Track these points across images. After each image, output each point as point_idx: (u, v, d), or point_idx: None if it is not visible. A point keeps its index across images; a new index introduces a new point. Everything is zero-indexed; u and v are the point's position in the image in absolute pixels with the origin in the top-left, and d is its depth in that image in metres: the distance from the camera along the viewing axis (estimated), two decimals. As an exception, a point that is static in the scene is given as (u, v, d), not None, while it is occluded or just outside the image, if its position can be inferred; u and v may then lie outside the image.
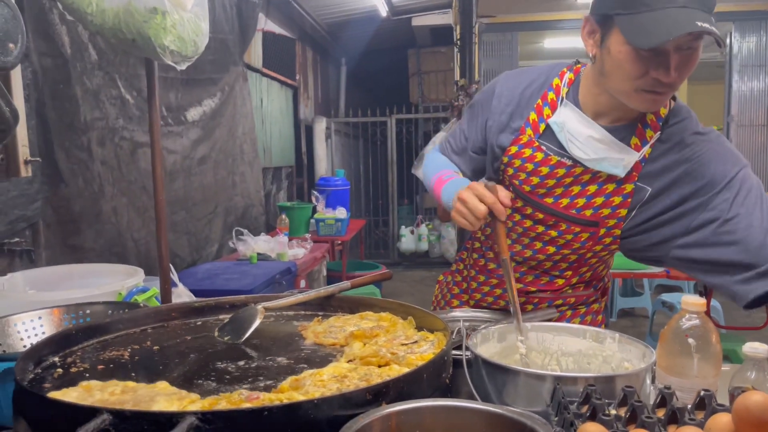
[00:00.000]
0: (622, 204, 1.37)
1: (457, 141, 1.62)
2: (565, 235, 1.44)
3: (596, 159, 1.35)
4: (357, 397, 0.80)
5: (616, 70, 1.24)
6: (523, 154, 1.43)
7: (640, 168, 1.35)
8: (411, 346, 1.08)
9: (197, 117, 4.29)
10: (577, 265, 1.51)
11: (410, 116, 8.44)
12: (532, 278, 1.54)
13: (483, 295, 1.63)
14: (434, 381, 0.92)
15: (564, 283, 1.53)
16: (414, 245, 8.35)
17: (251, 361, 1.09)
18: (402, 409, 0.79)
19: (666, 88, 1.21)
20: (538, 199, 1.44)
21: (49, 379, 0.99)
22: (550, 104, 1.43)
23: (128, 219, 3.28)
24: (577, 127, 1.37)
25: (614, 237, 1.41)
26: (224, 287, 3.19)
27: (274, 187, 6.49)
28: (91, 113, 3.00)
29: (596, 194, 1.38)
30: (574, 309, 1.58)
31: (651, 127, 1.35)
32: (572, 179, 1.39)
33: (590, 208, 1.39)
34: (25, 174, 1.36)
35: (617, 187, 1.36)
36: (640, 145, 1.35)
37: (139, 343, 1.18)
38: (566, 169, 1.39)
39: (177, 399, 0.85)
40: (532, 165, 1.42)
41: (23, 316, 1.44)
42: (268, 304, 1.29)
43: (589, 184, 1.39)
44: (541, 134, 1.43)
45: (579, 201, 1.40)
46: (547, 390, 0.94)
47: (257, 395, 0.85)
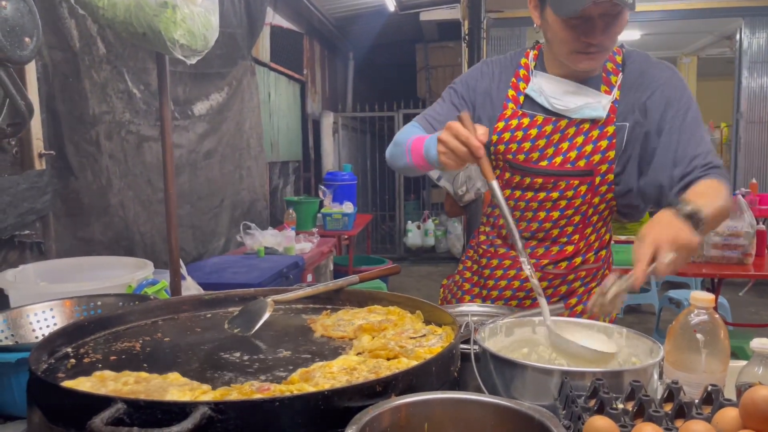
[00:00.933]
0: (609, 146, 1.50)
1: (441, 111, 1.65)
2: (565, 192, 1.54)
3: (577, 107, 1.50)
4: (367, 388, 0.80)
5: (553, 37, 1.46)
6: (510, 126, 1.56)
7: (615, 109, 1.51)
8: (419, 340, 1.09)
9: (204, 111, 4.30)
10: (581, 227, 1.59)
11: (418, 111, 8.40)
12: (543, 251, 1.60)
13: (496, 281, 1.66)
14: (443, 374, 0.93)
15: (573, 250, 1.59)
16: (420, 240, 8.36)
17: (261, 353, 1.10)
18: (412, 401, 0.79)
19: (596, 48, 1.42)
20: (533, 165, 1.54)
21: (62, 369, 1.01)
22: (524, 79, 1.60)
23: (134, 212, 3.30)
24: (553, 87, 1.54)
25: (608, 184, 1.53)
26: (232, 281, 3.20)
27: (281, 182, 6.51)
28: (99, 107, 3.01)
29: (584, 143, 1.51)
30: (587, 287, 1.63)
31: (613, 73, 1.54)
32: (559, 135, 1.52)
33: (582, 158, 1.51)
34: (39, 167, 1.37)
35: (600, 132, 1.50)
36: (608, 90, 1.53)
37: (150, 335, 1.19)
38: (552, 125, 1.53)
39: (189, 390, 0.87)
40: (521, 132, 1.55)
41: (35, 308, 1.46)
42: (277, 297, 1.30)
43: (576, 136, 1.52)
44: (522, 105, 1.58)
45: (571, 154, 1.52)
46: (554, 384, 0.95)
47: (268, 386, 0.86)
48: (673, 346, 0.96)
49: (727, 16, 7.25)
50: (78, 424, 0.77)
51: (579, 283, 1.63)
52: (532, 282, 1.21)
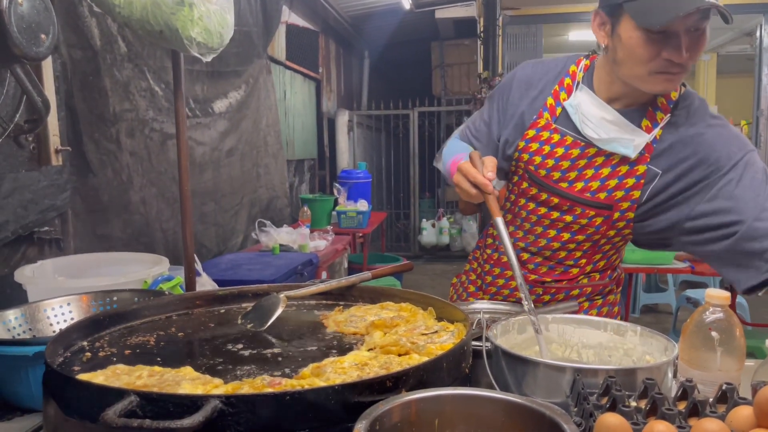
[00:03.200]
0: (635, 186, 1.40)
1: (477, 126, 1.64)
2: (579, 219, 1.47)
3: (608, 139, 1.39)
4: (377, 383, 0.81)
5: (628, 56, 1.30)
6: (540, 137, 1.48)
7: (651, 150, 1.39)
8: (431, 336, 1.09)
9: (224, 109, 4.33)
10: (591, 252, 1.53)
11: (433, 109, 8.41)
12: (547, 269, 1.56)
13: (498, 288, 1.64)
14: (454, 370, 0.92)
15: (578, 272, 1.55)
16: (435, 238, 8.34)
17: (273, 348, 1.11)
18: (422, 396, 0.79)
19: (678, 68, 1.27)
20: (553, 184, 1.47)
21: (77, 362, 1.02)
22: (567, 89, 1.48)
23: (157, 209, 3.33)
24: (590, 109, 1.42)
25: (627, 221, 1.44)
26: (247, 277, 3.23)
27: (297, 180, 6.53)
28: (121, 105, 3.05)
29: (610, 177, 1.41)
30: (591, 300, 1.59)
31: (662, 109, 1.40)
32: (586, 161, 1.43)
33: (604, 191, 1.42)
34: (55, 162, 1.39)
35: (630, 168, 1.40)
36: (651, 127, 1.39)
37: (164, 330, 1.20)
38: (580, 150, 1.43)
39: (201, 384, 0.87)
40: (549, 147, 1.46)
41: (53, 302, 1.48)
42: (290, 292, 1.30)
43: (603, 167, 1.42)
44: (557, 118, 1.48)
45: (593, 184, 1.43)
46: (567, 381, 0.94)
47: (279, 381, 0.87)
48: (688, 343, 0.95)
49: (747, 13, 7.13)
50: (92, 416, 0.78)
51: (584, 298, 1.58)
52: (531, 319, 1.13)
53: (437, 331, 1.11)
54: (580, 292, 1.57)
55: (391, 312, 1.26)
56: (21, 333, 1.40)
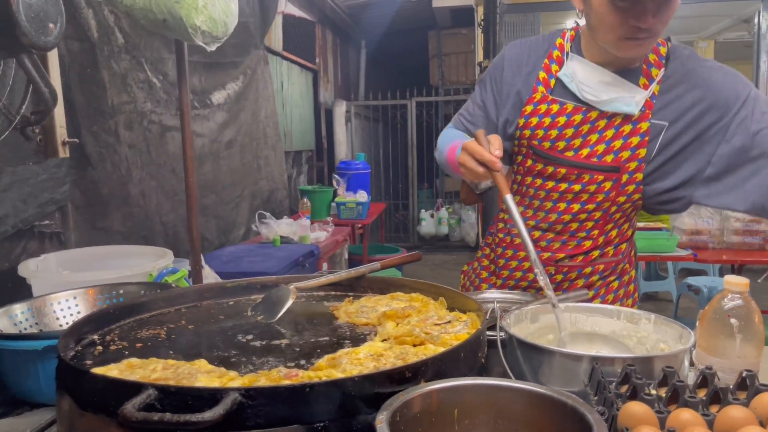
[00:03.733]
0: (640, 144, 1.42)
1: (471, 112, 1.64)
2: (588, 187, 1.48)
3: (608, 100, 1.41)
4: (397, 374, 0.80)
5: (599, 23, 1.35)
6: (539, 111, 1.49)
7: (652, 105, 1.42)
8: (444, 326, 1.08)
9: (222, 100, 4.30)
10: (602, 222, 1.53)
11: (430, 99, 8.38)
12: (560, 244, 1.56)
13: (511, 272, 1.64)
14: (471, 360, 0.92)
15: (591, 245, 1.54)
16: (434, 229, 8.34)
17: (286, 339, 1.10)
18: (443, 386, 0.79)
19: (646, 33, 1.31)
20: (559, 155, 1.48)
21: (89, 356, 1.01)
22: (557, 61, 1.51)
23: (157, 202, 3.31)
24: (585, 74, 1.45)
25: (637, 183, 1.45)
26: (249, 269, 3.22)
27: (295, 171, 6.51)
28: (119, 97, 3.02)
29: (614, 138, 1.43)
30: (605, 280, 1.58)
31: (655, 65, 1.44)
32: (589, 126, 1.45)
33: (610, 153, 1.44)
34: (63, 155, 1.37)
35: (633, 127, 1.42)
36: (648, 83, 1.43)
37: (174, 323, 1.19)
38: (582, 115, 1.45)
39: (217, 377, 0.87)
40: (549, 118, 1.48)
41: (59, 296, 1.47)
42: (300, 284, 1.29)
43: (606, 129, 1.44)
44: (552, 89, 1.50)
45: (599, 148, 1.45)
46: (584, 370, 0.94)
47: (296, 373, 0.86)
48: (706, 331, 0.95)
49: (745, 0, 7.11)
50: (108, 411, 0.77)
51: (597, 277, 1.58)
52: (547, 294, 1.14)
53: (450, 321, 1.10)
54: (593, 270, 1.56)
55: (401, 302, 1.25)
56: (28, 327, 1.39)
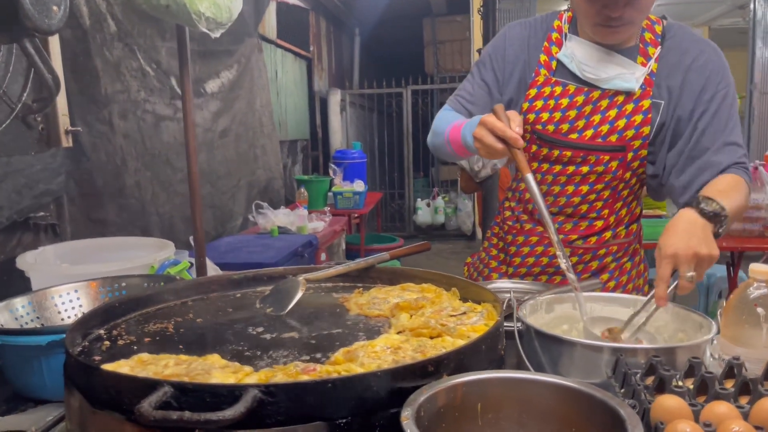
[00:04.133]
0: (643, 122, 1.43)
1: (472, 92, 1.60)
2: (595, 168, 1.49)
3: (608, 78, 1.44)
4: (419, 368, 0.78)
5: (577, 10, 1.42)
6: (543, 94, 1.50)
7: (652, 83, 1.44)
8: (460, 318, 1.06)
9: (216, 89, 4.25)
10: (611, 201, 1.53)
11: (426, 87, 8.33)
12: (571, 226, 1.56)
13: (522, 258, 1.62)
14: (491, 353, 0.90)
15: (603, 225, 1.55)
16: (430, 218, 8.32)
17: (297, 332, 1.07)
18: (468, 380, 0.77)
19: (618, 21, 1.35)
20: (563, 138, 1.49)
21: (97, 351, 0.99)
22: (556, 43, 1.52)
23: (152, 193, 3.27)
24: (585, 53, 1.47)
25: (641, 159, 1.47)
26: (248, 260, 3.18)
27: (290, 161, 6.46)
28: (112, 86, 2.96)
29: (617, 117, 1.45)
30: (618, 261, 1.59)
31: (651, 44, 1.47)
32: (591, 107, 1.46)
33: (615, 133, 1.45)
34: (66, 144, 1.32)
35: (635, 105, 1.44)
36: (645, 62, 1.45)
37: (181, 316, 1.16)
38: (584, 95, 1.46)
39: (231, 372, 0.84)
40: (553, 101, 1.49)
41: (60, 289, 1.44)
42: (308, 275, 1.27)
43: (609, 109, 1.45)
44: (554, 71, 1.51)
45: (603, 128, 1.45)
46: (605, 361, 0.92)
47: (314, 367, 0.84)
48: (731, 320, 0.93)
49: (741, -15, 7.08)
50: (122, 409, 0.75)
51: (611, 258, 1.58)
52: (569, 276, 1.13)
53: (465, 312, 1.08)
54: (607, 252, 1.57)
55: (413, 293, 1.23)
56: (29, 322, 1.36)
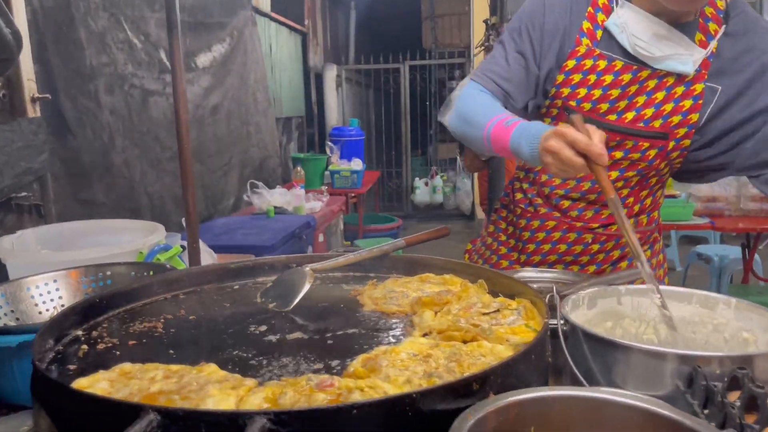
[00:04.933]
0: (693, 108, 1.29)
1: (506, 67, 1.39)
2: (631, 154, 1.36)
3: (663, 57, 1.27)
4: (462, 387, 0.64)
5: None
6: (583, 67, 1.33)
7: (708, 65, 1.28)
8: (494, 316, 0.92)
9: (207, 63, 4.06)
10: (638, 189, 1.42)
11: (424, 62, 8.11)
12: (592, 213, 1.44)
13: (537, 245, 1.50)
14: (540, 362, 0.76)
15: (626, 214, 1.39)
16: (428, 197, 8.17)
17: (306, 332, 0.93)
18: (522, 399, 0.63)
19: None
20: (599, 118, 1.33)
21: (72, 358, 0.84)
22: (603, 9, 1.34)
23: (141, 172, 3.11)
24: (639, 25, 1.28)
25: (682, 150, 1.34)
26: (243, 243, 3.04)
27: (285, 138, 6.27)
28: (98, 58, 2.79)
29: (665, 101, 1.30)
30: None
31: (713, 20, 1.30)
32: (637, 87, 1.30)
33: (659, 118, 1.30)
34: (32, 113, 1.15)
35: (686, 89, 1.29)
36: (705, 40, 1.29)
37: (172, 313, 1.02)
38: (632, 74, 1.30)
39: (231, 388, 0.70)
40: (595, 76, 1.32)
41: (37, 279, 1.29)
42: (315, 265, 1.12)
43: (656, 91, 1.30)
44: (599, 42, 1.33)
45: (647, 112, 1.31)
46: (670, 371, 0.78)
47: (330, 382, 0.69)
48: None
49: (749, -43, 6.88)
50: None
51: (616, 246, 1.47)
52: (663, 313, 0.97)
53: (499, 310, 0.94)
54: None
55: (435, 286, 1.09)
56: (1, 316, 1.21)
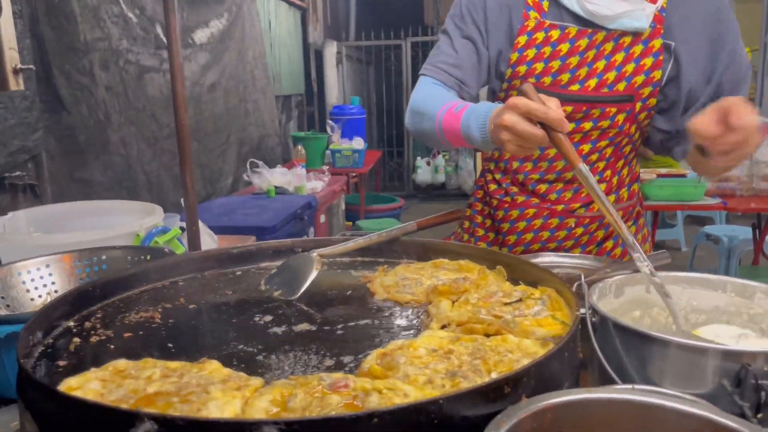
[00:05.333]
0: (654, 65, 1.26)
1: (454, 54, 1.35)
2: (600, 122, 1.31)
3: (617, 15, 1.24)
4: (493, 391, 0.57)
5: None
6: (535, 41, 1.29)
7: (662, 20, 1.26)
8: (517, 306, 0.86)
9: (205, 39, 3.95)
10: (614, 160, 1.37)
11: (426, 39, 7.94)
12: (572, 194, 1.39)
13: (519, 235, 1.42)
14: (572, 359, 0.70)
15: (605, 189, 1.39)
16: (430, 177, 8.07)
17: (314, 324, 0.87)
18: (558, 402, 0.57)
19: None
20: (562, 90, 1.28)
21: (63, 353, 0.78)
22: None
23: (138, 150, 3.03)
24: None
25: (649, 110, 1.30)
26: (243, 223, 2.97)
27: (284, 117, 6.17)
28: (92, 33, 2.69)
29: (625, 62, 1.27)
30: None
31: None
32: (595, 52, 1.27)
33: (623, 80, 1.27)
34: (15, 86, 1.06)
35: (644, 47, 1.26)
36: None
37: (170, 301, 0.96)
38: (588, 38, 1.27)
39: (235, 388, 0.64)
40: (550, 47, 1.28)
41: (28, 264, 1.23)
42: (323, 250, 1.06)
43: (615, 53, 1.27)
44: (546, 13, 1.30)
45: (609, 76, 1.27)
46: (713, 368, 0.72)
47: (345, 382, 0.63)
48: None
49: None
50: (89, 448, 0.55)
51: (600, 227, 1.42)
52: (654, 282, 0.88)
53: (521, 299, 0.87)
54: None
55: (450, 272, 1.02)
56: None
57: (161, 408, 0.59)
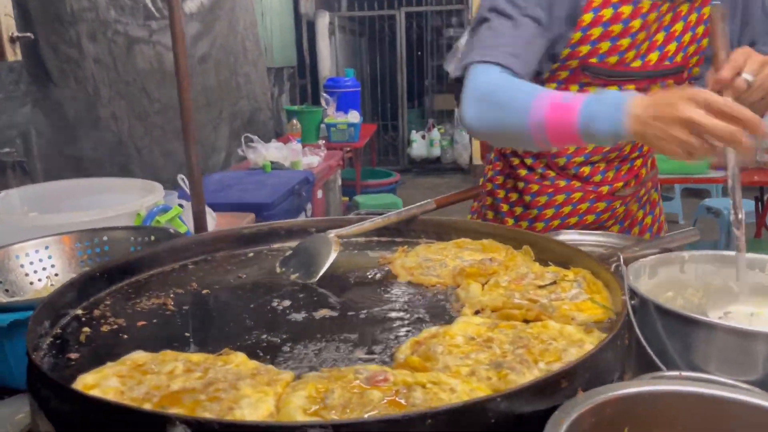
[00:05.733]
0: (704, 33, 1.23)
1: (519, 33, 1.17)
2: None
3: None
4: (549, 386, 0.53)
5: None
6: (602, 18, 1.18)
7: None
8: (552, 289, 0.81)
9: (194, 9, 3.83)
10: None
11: (421, 9, 7.79)
12: (614, 173, 1.34)
13: (546, 222, 1.35)
14: (622, 349, 0.66)
15: (641, 164, 1.37)
16: (425, 151, 7.98)
17: (335, 310, 0.83)
18: (619, 395, 0.53)
19: None
20: (625, 68, 1.22)
21: (73, 344, 0.73)
22: None
23: (129, 125, 2.94)
24: None
25: (692, 79, 1.28)
26: (241, 200, 2.90)
27: (276, 90, 6.04)
28: (79, 2, 2.58)
29: (683, 31, 1.22)
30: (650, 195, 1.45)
31: None
32: (657, 24, 1.21)
33: (681, 51, 1.23)
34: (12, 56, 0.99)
35: (697, 14, 1.22)
36: None
37: (182, 286, 0.91)
38: (657, 11, 1.19)
39: (266, 383, 0.59)
40: (621, 25, 1.18)
41: (26, 246, 1.17)
42: (340, 231, 1.01)
43: (673, 23, 1.22)
44: None
45: (670, 48, 1.23)
46: (764, 354, 0.69)
47: (384, 376, 0.59)
48: None
49: None
50: (113, 452, 0.50)
51: (647, 197, 1.44)
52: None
53: (555, 282, 0.83)
54: (645, 191, 1.43)
55: (474, 253, 0.98)
56: (-11, 288, 1.10)
57: (188, 407, 0.55)
